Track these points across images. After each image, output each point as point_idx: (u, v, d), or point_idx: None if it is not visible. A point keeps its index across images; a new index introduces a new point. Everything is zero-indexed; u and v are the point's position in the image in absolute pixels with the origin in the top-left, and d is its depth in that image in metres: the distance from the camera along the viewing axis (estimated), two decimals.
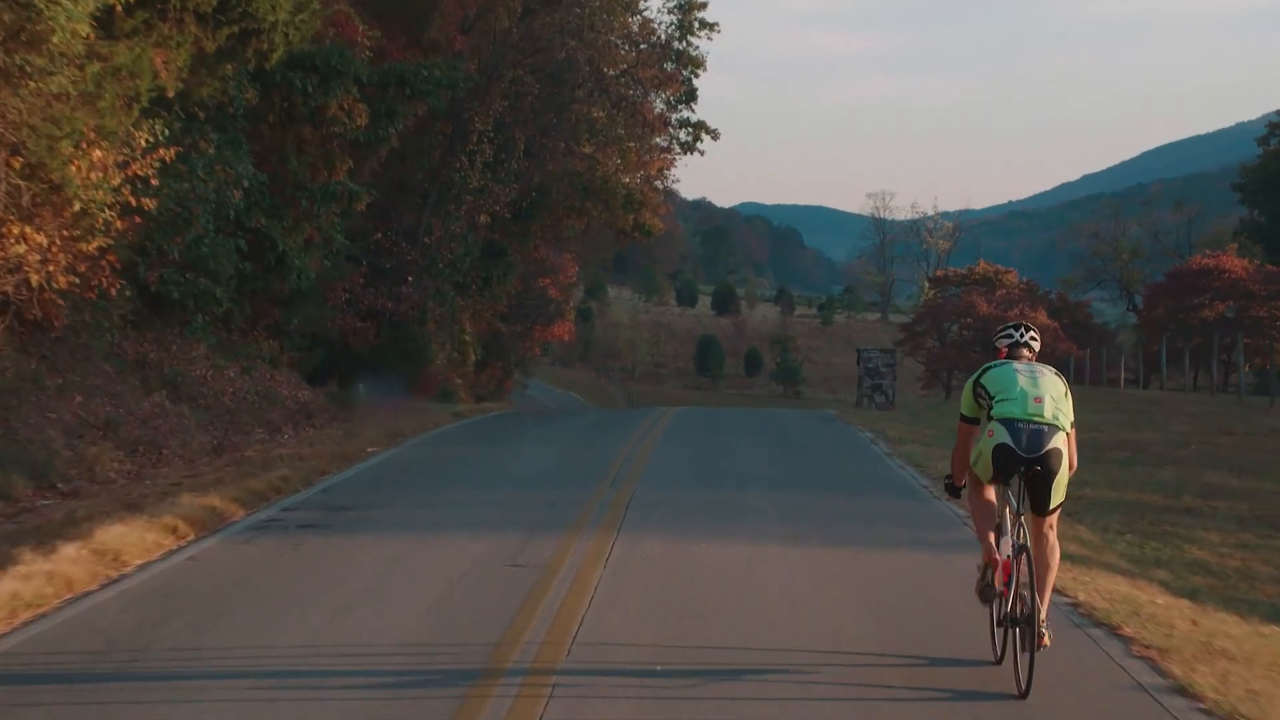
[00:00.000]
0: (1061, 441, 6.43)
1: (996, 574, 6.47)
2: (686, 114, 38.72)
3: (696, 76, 37.88)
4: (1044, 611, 6.36)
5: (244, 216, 22.77)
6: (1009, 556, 6.50)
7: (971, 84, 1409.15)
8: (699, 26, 37.91)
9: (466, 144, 32.00)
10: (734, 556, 9.59)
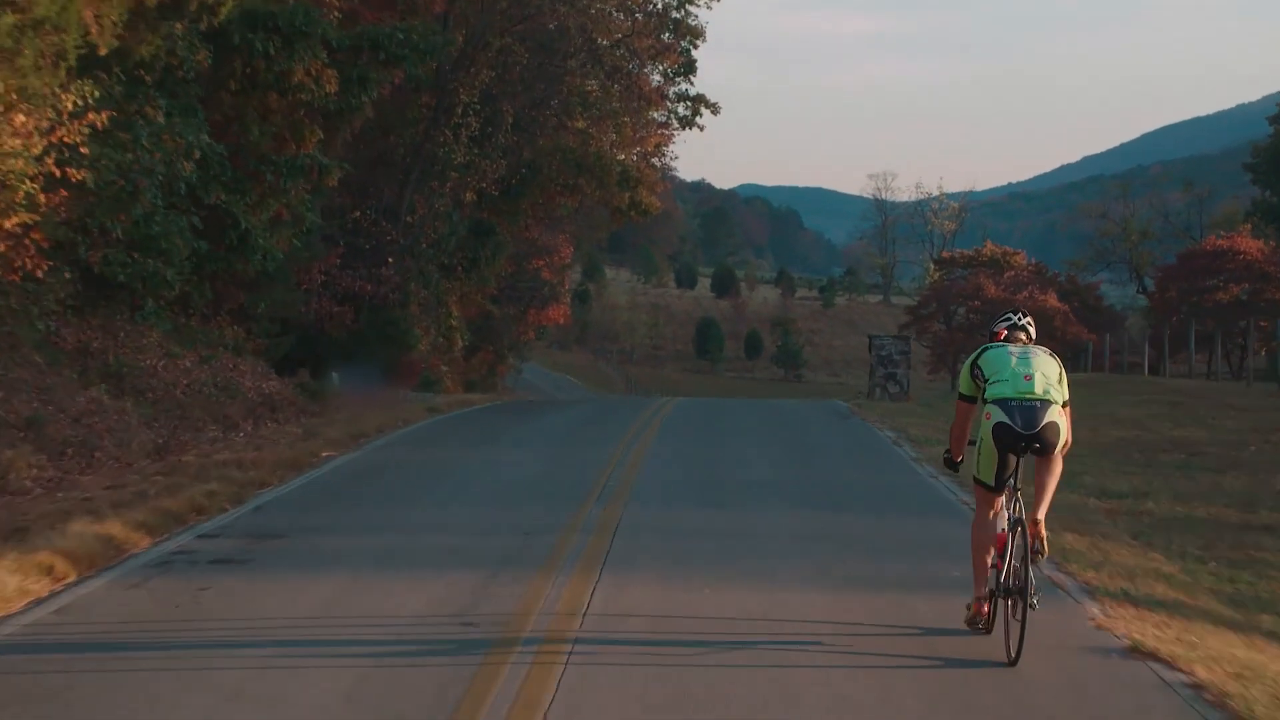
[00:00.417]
0: (1056, 415, 6.65)
1: (982, 621, 6.96)
2: (685, 87, 36.47)
3: (695, 47, 35.59)
4: (1044, 510, 6.65)
5: (201, 191, 20.69)
6: (1004, 530, 6.77)
7: (971, 65, 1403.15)
8: None
9: (451, 116, 29.86)
10: (745, 610, 7.56)
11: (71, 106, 15.12)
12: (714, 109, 35.97)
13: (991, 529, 6.95)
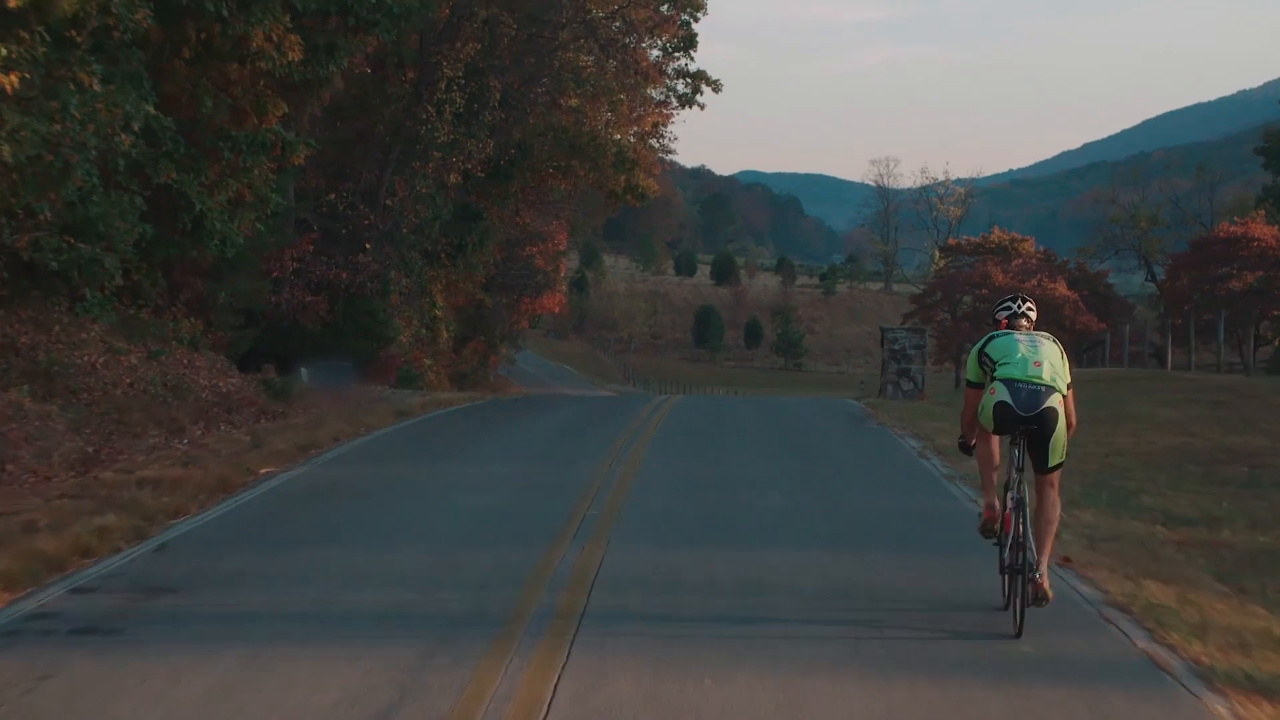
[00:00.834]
0: (1057, 401, 6.85)
1: (996, 523, 7.26)
2: (685, 62, 34.24)
3: (696, 20, 33.35)
4: (1044, 565, 6.78)
5: (150, 170, 18.66)
6: (1009, 510, 6.99)
7: (972, 52, 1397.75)
8: None
9: (434, 92, 27.78)
10: (757, 713, 5.58)
11: None
12: (716, 86, 33.75)
13: (989, 445, 7.29)
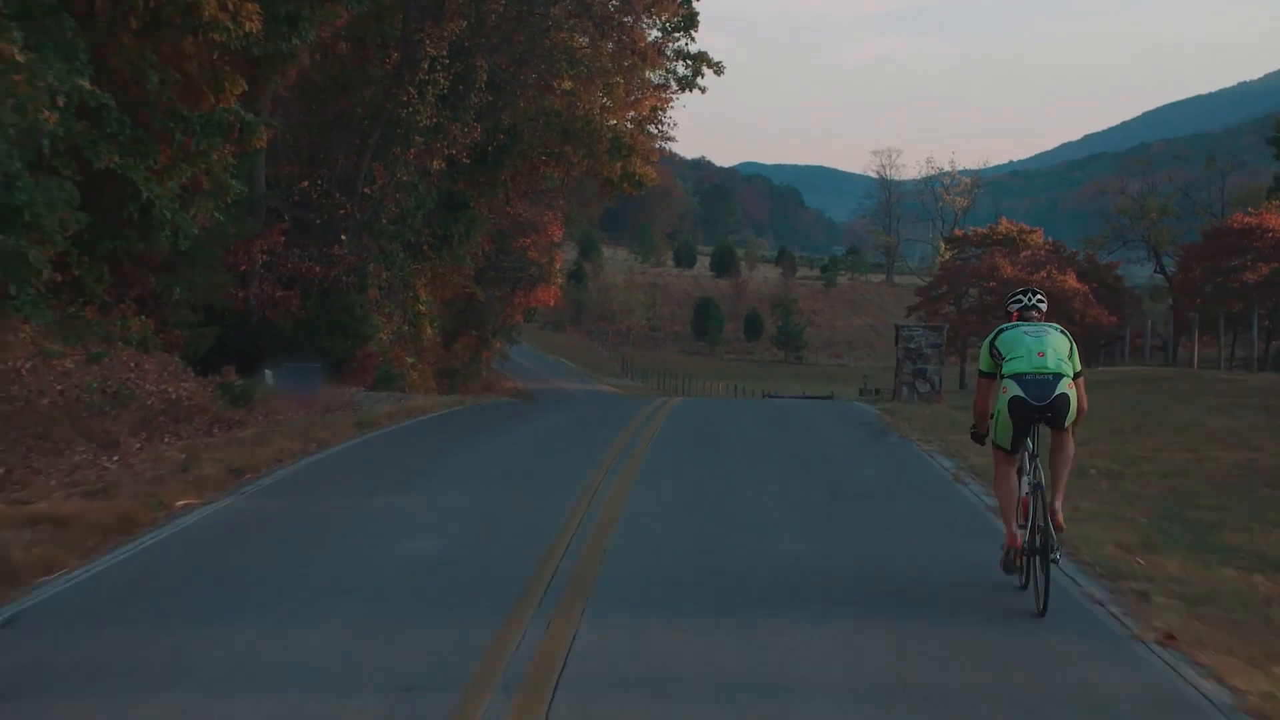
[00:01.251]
0: (1067, 387, 7.11)
1: (1017, 556, 7.33)
2: (685, 43, 32.13)
3: None
4: (1059, 499, 7.09)
5: (90, 153, 16.66)
6: (1027, 494, 7.21)
7: (973, 44, 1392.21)
8: None
9: (416, 72, 25.70)
10: None
11: None
12: (717, 69, 31.64)
13: (1011, 481, 7.37)
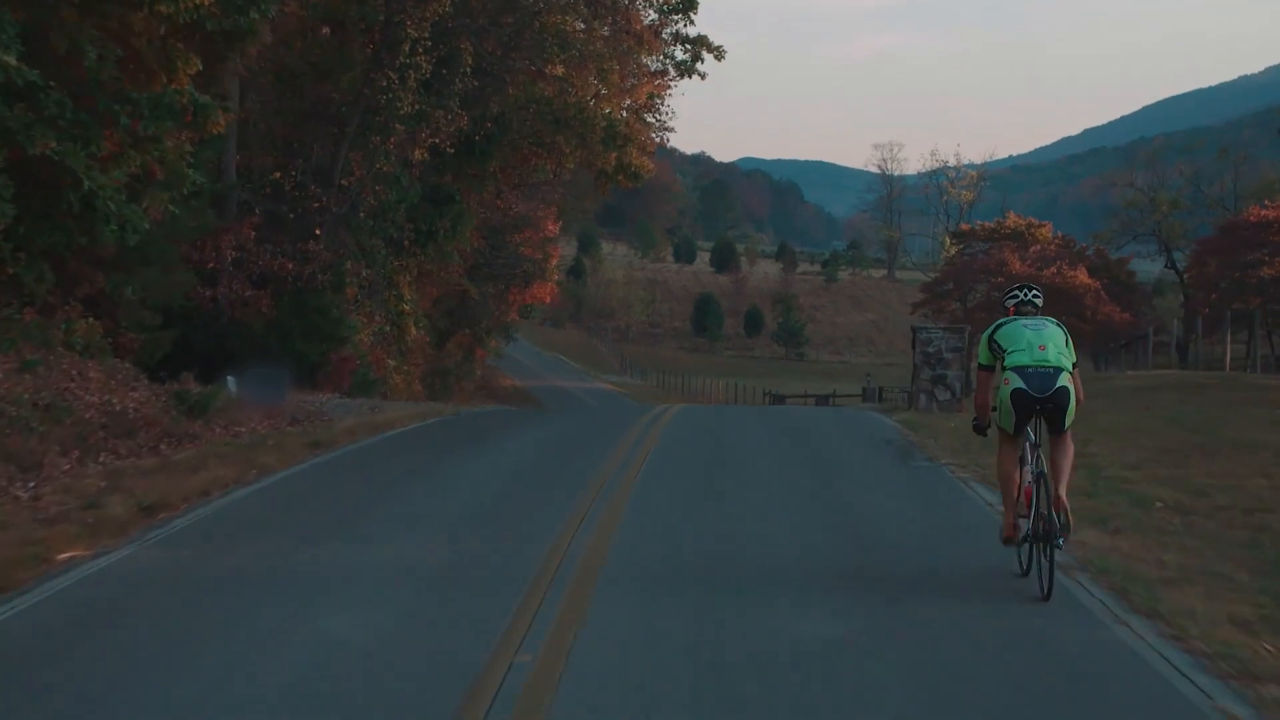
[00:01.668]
0: (1067, 380, 7.23)
1: (1015, 542, 7.48)
2: (683, 26, 30.22)
3: None
4: (1064, 489, 7.11)
5: (23, 138, 14.79)
6: (1029, 483, 7.27)
7: (972, 38, 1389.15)
8: None
9: (397, 56, 23.84)
10: None
11: None
12: (718, 53, 29.74)
13: (1013, 463, 7.50)
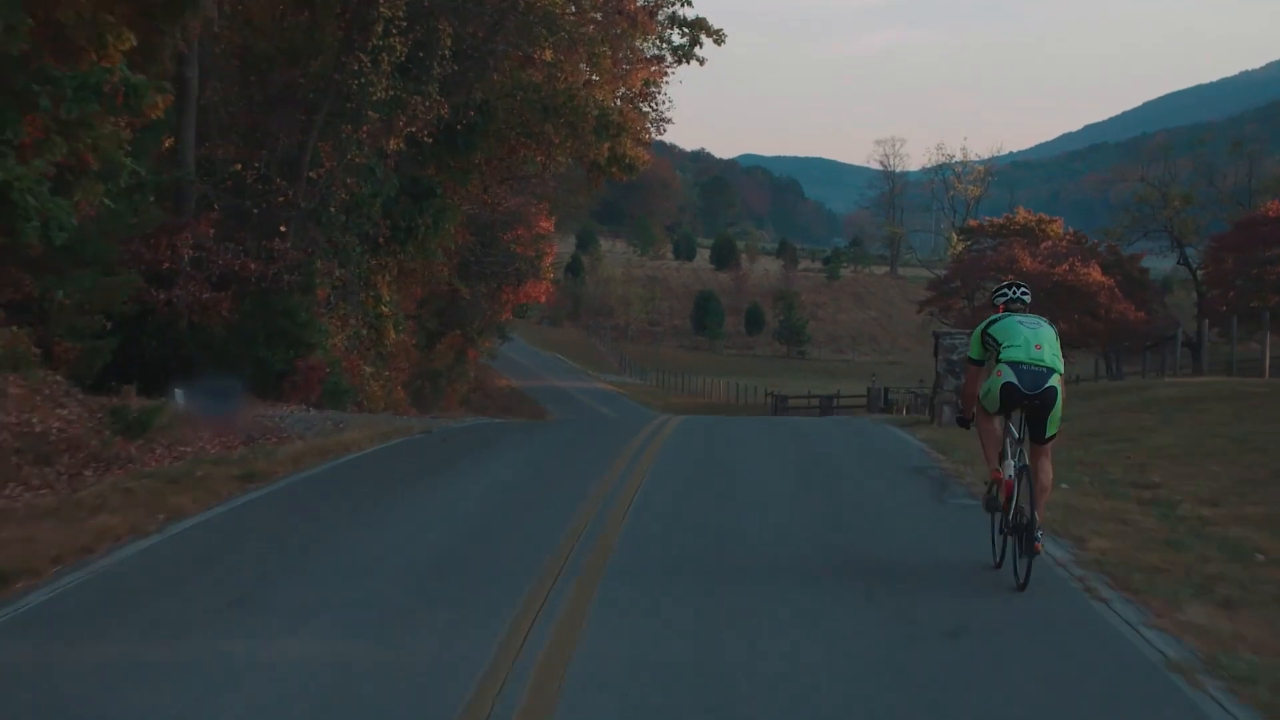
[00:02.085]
0: (1057, 381, 7.32)
1: (1000, 490, 7.48)
2: (680, 8, 28.20)
3: None
4: (1040, 518, 7.13)
5: None
6: (1011, 477, 7.35)
7: (972, 35, 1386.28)
8: None
9: (369, 37, 21.85)
10: None
11: None
12: (718, 37, 27.74)
13: (994, 425, 7.55)
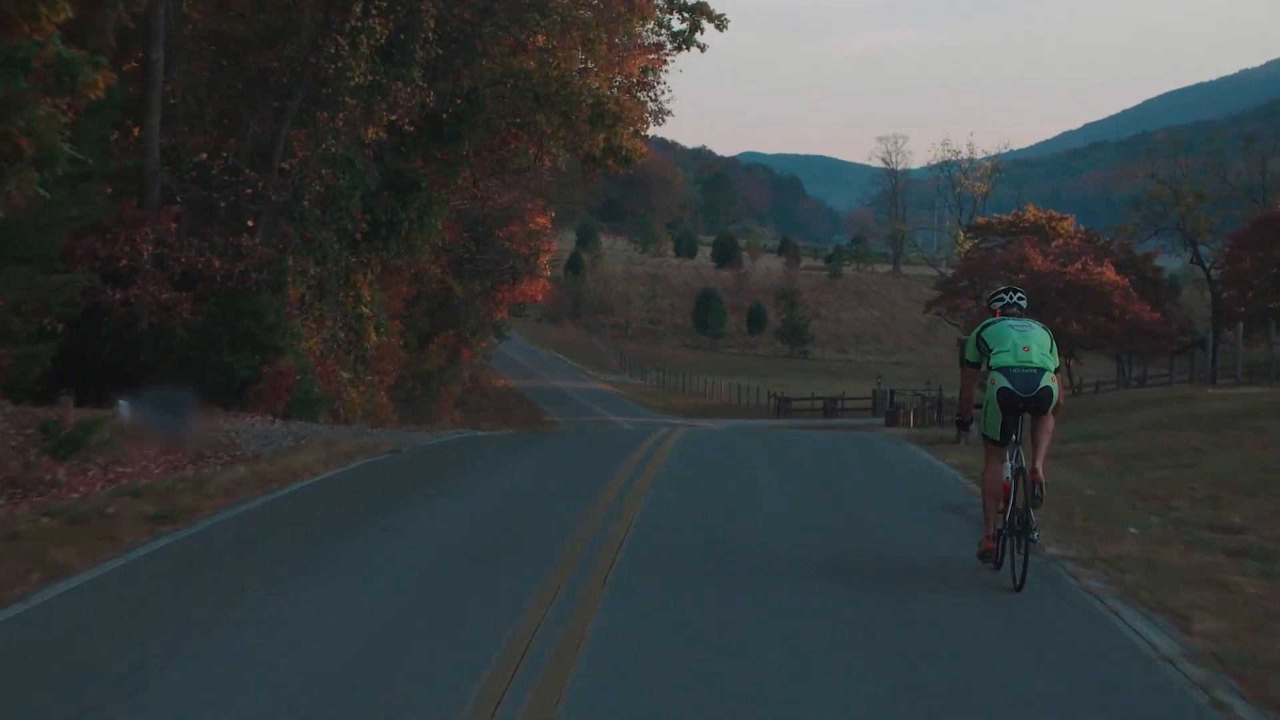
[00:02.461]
0: (1050, 380, 7.51)
1: (992, 559, 7.72)
2: None
3: None
4: (1039, 462, 7.45)
5: None
6: (1008, 478, 7.56)
7: (973, 33, 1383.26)
8: None
9: (347, 18, 20.21)
10: None
11: None
12: (720, 23, 26.04)
13: (998, 478, 7.67)
